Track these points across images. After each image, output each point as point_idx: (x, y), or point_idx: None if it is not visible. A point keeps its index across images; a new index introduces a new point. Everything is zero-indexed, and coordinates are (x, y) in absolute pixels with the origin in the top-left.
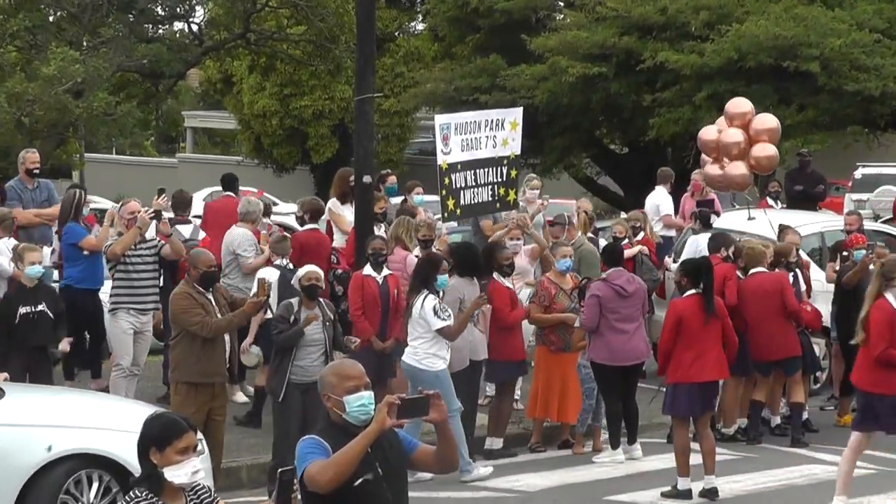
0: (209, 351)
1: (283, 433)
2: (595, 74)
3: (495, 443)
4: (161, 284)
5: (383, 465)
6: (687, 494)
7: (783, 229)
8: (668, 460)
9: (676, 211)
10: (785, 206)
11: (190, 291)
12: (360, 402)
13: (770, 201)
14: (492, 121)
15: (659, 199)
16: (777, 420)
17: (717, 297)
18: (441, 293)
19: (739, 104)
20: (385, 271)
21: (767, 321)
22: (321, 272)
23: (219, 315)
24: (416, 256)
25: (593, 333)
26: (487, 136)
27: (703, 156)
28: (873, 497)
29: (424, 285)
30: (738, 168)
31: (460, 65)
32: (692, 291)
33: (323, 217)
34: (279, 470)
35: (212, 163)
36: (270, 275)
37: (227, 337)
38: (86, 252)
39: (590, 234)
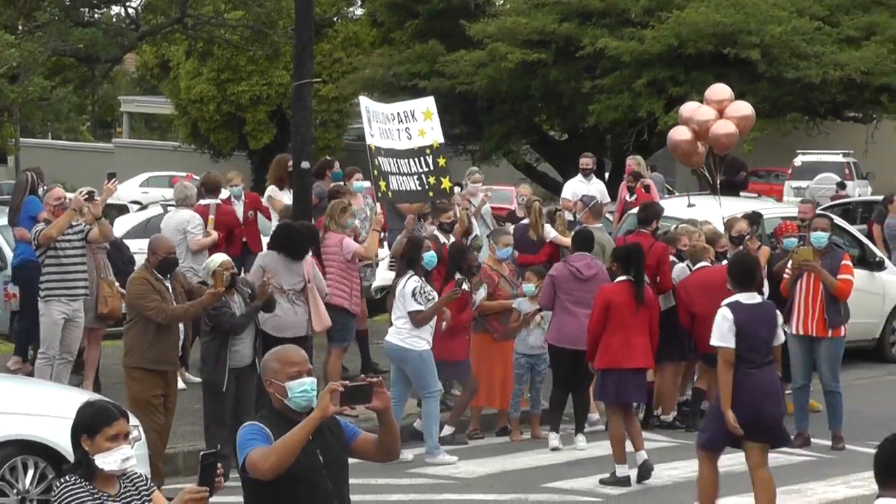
0: (163, 338)
1: (216, 420)
2: (534, 61)
3: (445, 429)
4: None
5: (324, 452)
6: (625, 481)
7: (731, 220)
8: (606, 447)
9: (613, 198)
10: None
11: (147, 277)
12: (302, 388)
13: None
14: (401, 113)
15: (576, 187)
16: None
17: (648, 287)
18: (429, 273)
19: (719, 90)
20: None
21: (715, 314)
22: (230, 260)
23: (174, 303)
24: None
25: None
26: (399, 129)
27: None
28: (812, 483)
29: (410, 266)
30: (726, 127)
31: (399, 50)
32: (623, 278)
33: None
34: (201, 453)
35: (148, 148)
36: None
37: (180, 325)
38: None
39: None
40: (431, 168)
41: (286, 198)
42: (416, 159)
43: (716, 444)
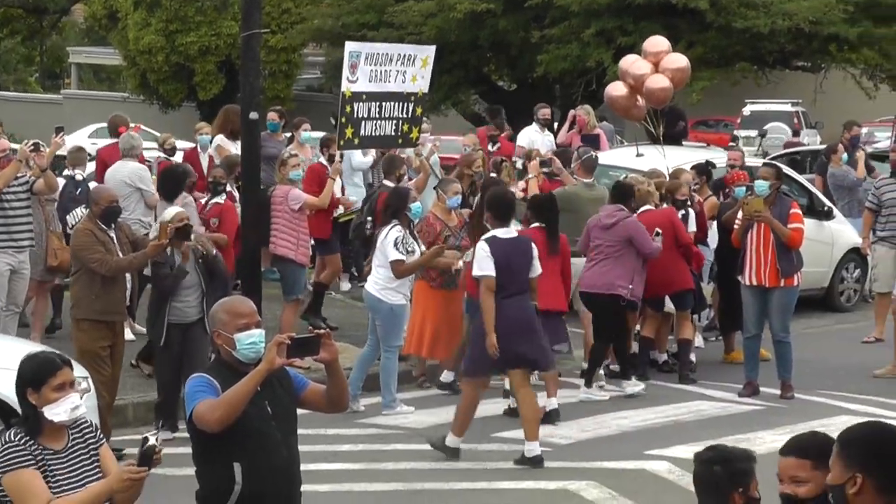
0: (109, 289)
1: (165, 374)
2: (483, 11)
3: (445, 374)
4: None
5: (273, 403)
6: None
7: (677, 170)
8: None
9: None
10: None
11: (92, 228)
12: (250, 340)
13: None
14: (405, 55)
15: (532, 136)
16: (664, 357)
17: (563, 235)
18: (415, 223)
19: (656, 42)
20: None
21: (661, 257)
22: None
23: (120, 253)
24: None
25: None
26: (398, 71)
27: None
28: (761, 432)
29: (394, 216)
30: (660, 81)
31: (348, 1)
32: (536, 224)
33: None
34: (143, 437)
35: (97, 99)
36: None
37: (128, 275)
38: None
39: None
40: (409, 115)
41: (234, 149)
42: (401, 104)
43: (479, 370)
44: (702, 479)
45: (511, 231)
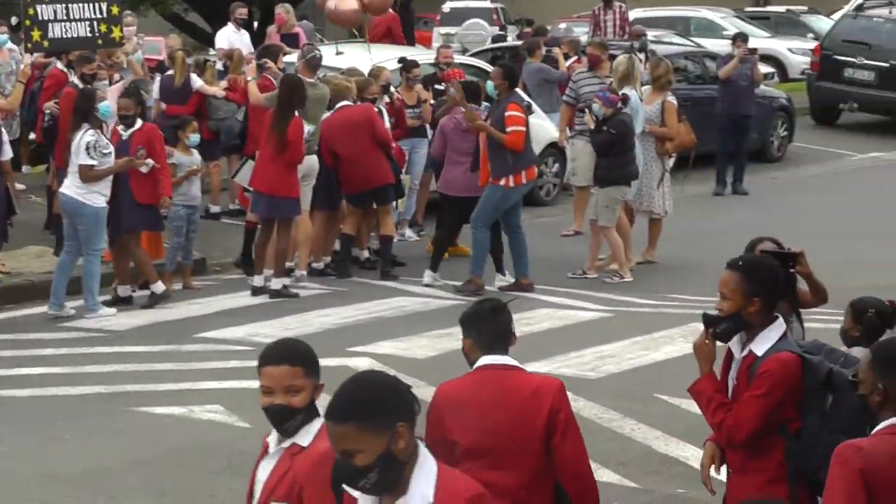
0: None
1: None
2: None
3: (274, 282)
4: None
5: None
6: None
7: (377, 69)
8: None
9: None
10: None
11: None
12: None
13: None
14: None
15: (230, 36)
16: (365, 254)
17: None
18: (106, 126)
19: None
20: None
21: (359, 152)
22: None
23: None
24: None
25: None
26: None
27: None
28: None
29: (85, 119)
30: (349, 4)
31: None
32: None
33: None
34: None
35: None
36: None
37: None
38: None
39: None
40: (105, 15)
41: None
42: (91, 5)
43: None
44: None
45: None
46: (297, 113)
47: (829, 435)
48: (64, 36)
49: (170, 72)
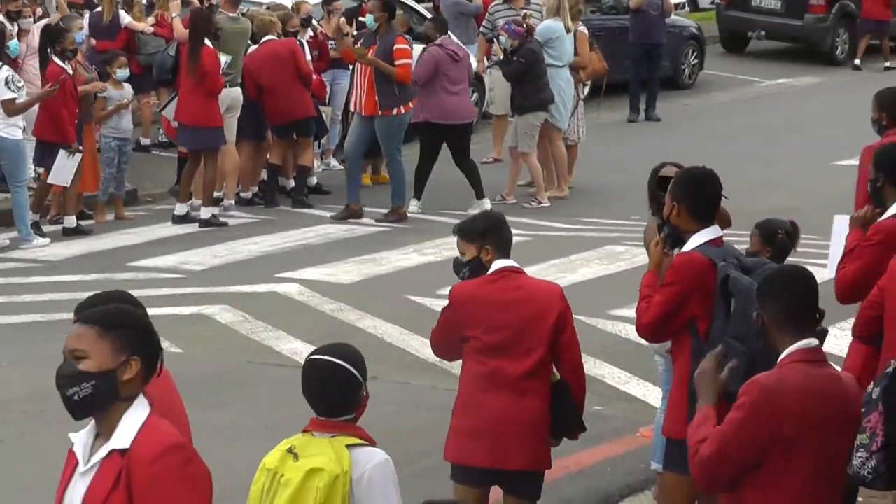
0: None
1: None
2: None
3: (204, 212)
4: None
5: None
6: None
7: (297, 3)
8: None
9: None
10: None
11: None
12: None
13: None
14: None
15: None
16: (291, 183)
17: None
18: (18, 61)
19: None
20: None
21: (283, 85)
22: None
23: None
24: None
25: (424, 94)
26: None
27: None
28: (385, 252)
29: None
30: None
31: None
32: None
33: None
34: None
35: None
36: None
37: None
38: None
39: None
40: None
41: None
42: None
43: None
44: None
45: None
46: (209, 44)
47: (729, 339)
48: None
49: (98, 9)
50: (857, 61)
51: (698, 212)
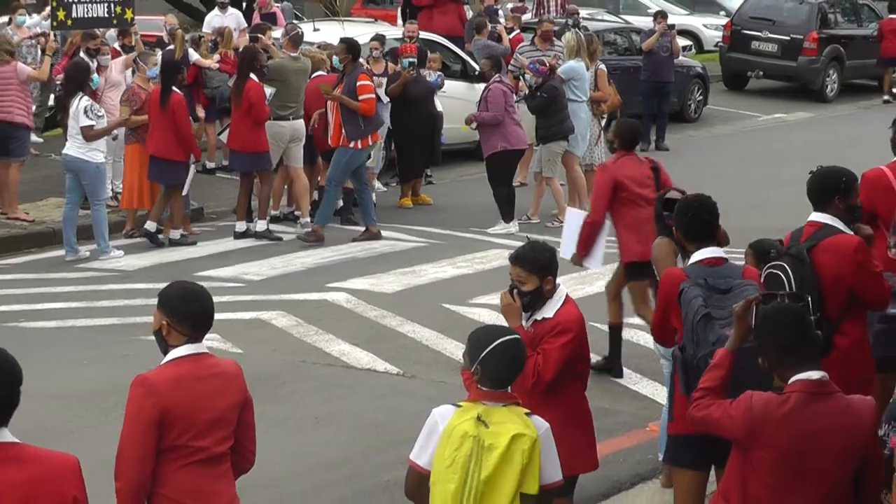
0: None
1: None
2: None
3: (259, 224)
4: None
5: None
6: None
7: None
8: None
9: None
10: None
11: None
12: None
13: None
14: None
15: (214, 20)
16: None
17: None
18: (96, 90)
19: None
20: None
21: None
22: None
23: None
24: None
25: (496, 126)
26: None
27: None
28: (423, 265)
29: (80, 89)
30: None
31: None
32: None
33: None
34: None
35: None
36: None
37: None
38: None
39: None
40: None
41: None
42: None
43: None
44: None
45: None
46: (254, 78)
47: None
48: (85, 16)
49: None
50: (885, 97)
51: (690, 234)
